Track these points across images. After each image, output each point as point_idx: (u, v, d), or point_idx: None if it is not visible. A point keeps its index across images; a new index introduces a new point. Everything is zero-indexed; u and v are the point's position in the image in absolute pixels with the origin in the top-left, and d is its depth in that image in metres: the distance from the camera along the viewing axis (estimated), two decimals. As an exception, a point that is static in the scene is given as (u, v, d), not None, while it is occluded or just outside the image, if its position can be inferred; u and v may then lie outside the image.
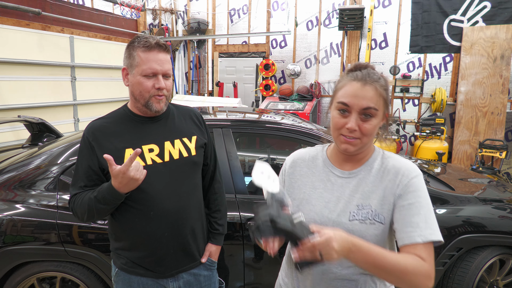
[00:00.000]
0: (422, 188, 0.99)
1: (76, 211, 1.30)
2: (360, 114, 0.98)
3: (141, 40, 1.30)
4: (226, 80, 7.19)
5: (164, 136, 1.37)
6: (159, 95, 1.30)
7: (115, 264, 1.42)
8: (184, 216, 1.38)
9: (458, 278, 2.19)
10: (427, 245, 0.93)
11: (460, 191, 2.41)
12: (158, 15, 7.32)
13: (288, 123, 2.38)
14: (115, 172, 1.16)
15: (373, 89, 0.98)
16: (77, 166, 1.34)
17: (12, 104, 4.41)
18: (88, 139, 1.32)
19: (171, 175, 1.35)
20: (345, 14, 5.78)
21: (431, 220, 0.96)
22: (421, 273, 0.90)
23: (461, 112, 5.59)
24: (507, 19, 5.39)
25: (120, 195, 1.22)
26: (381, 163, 1.06)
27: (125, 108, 1.40)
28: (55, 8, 5.21)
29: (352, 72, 1.04)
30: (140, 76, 1.28)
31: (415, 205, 0.97)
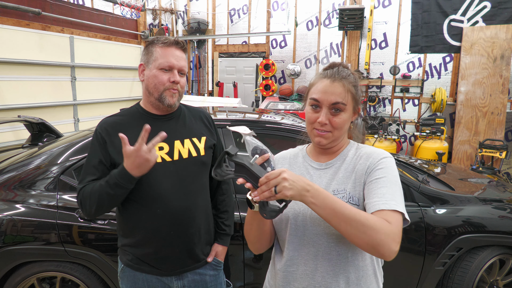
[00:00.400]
0: (390, 167, 1.03)
1: (84, 202, 1.28)
2: (330, 109, 1.05)
3: (160, 38, 1.37)
4: (226, 80, 7.19)
5: (174, 135, 1.39)
6: (173, 89, 1.34)
7: (121, 261, 1.43)
8: (191, 215, 1.39)
9: (458, 278, 2.19)
10: (393, 212, 0.94)
11: (460, 191, 2.41)
12: (158, 15, 7.32)
13: (288, 123, 2.38)
14: (129, 152, 1.17)
15: (341, 85, 1.05)
16: (88, 160, 1.35)
17: (12, 104, 4.41)
18: (100, 134, 1.34)
19: (179, 173, 1.37)
20: (345, 14, 5.78)
21: (397, 194, 0.98)
22: (384, 231, 0.88)
23: (461, 112, 5.59)
24: (507, 19, 5.39)
25: (132, 178, 1.22)
26: (355, 152, 1.12)
27: (138, 106, 1.43)
28: (55, 8, 5.21)
29: (325, 70, 1.11)
30: (156, 70, 1.33)
31: (383, 180, 1.01)
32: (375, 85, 6.20)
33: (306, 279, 1.07)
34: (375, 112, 6.30)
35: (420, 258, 2.13)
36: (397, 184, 1.01)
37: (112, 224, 1.96)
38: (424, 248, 2.12)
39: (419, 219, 2.13)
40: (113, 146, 1.31)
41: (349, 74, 1.08)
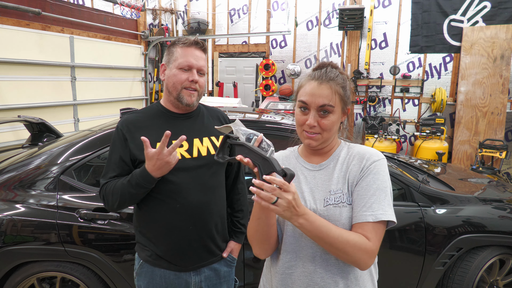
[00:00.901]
0: (381, 171, 1.05)
1: (107, 198, 1.35)
2: (318, 111, 1.06)
3: (181, 39, 1.41)
4: (226, 80, 7.19)
5: (193, 133, 1.43)
6: (192, 88, 1.38)
7: (139, 257, 1.45)
8: (209, 210, 1.43)
9: (458, 278, 2.19)
10: (377, 224, 1.00)
11: (460, 191, 2.41)
12: (158, 15, 7.32)
13: (288, 123, 2.38)
14: (150, 154, 1.22)
15: (328, 87, 1.06)
16: (110, 157, 1.40)
17: (12, 104, 4.41)
18: (122, 131, 1.38)
19: (198, 170, 1.41)
20: (345, 14, 5.78)
21: (385, 202, 1.01)
22: (362, 249, 0.96)
23: (461, 112, 5.59)
24: (507, 19, 5.39)
25: (153, 179, 1.27)
26: (347, 152, 1.13)
27: (158, 104, 1.47)
28: (55, 8, 5.21)
29: (313, 71, 1.12)
30: (176, 69, 1.37)
31: (372, 186, 1.03)
32: (375, 85, 6.20)
33: (305, 281, 1.07)
34: (375, 112, 6.30)
35: (420, 258, 2.13)
36: (386, 190, 1.03)
37: (112, 224, 1.96)
38: (424, 248, 2.12)
39: (419, 219, 2.13)
40: (134, 143, 1.36)
41: (337, 75, 1.08)
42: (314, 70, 1.12)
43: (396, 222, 1.04)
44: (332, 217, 1.04)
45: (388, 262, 2.14)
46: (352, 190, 1.06)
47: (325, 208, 1.06)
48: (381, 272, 2.17)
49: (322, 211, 1.06)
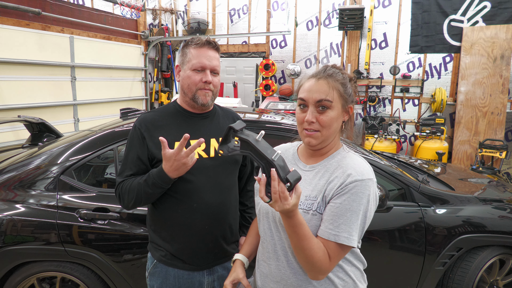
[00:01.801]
0: (360, 193, 1.00)
1: (123, 197, 1.36)
2: (316, 107, 1.06)
3: (194, 39, 1.42)
4: (226, 80, 7.19)
5: (210, 133, 1.44)
6: (206, 89, 1.39)
7: (153, 257, 1.45)
8: (225, 210, 1.44)
9: (458, 278, 2.19)
10: (339, 246, 0.99)
11: (460, 191, 2.41)
12: (158, 15, 7.32)
13: (288, 123, 2.38)
14: (168, 155, 1.22)
15: (326, 83, 1.06)
16: (126, 155, 1.41)
17: (12, 104, 4.41)
18: (140, 130, 1.39)
19: (215, 170, 1.42)
20: (345, 14, 5.78)
21: (353, 225, 0.99)
22: (320, 268, 0.99)
23: (461, 112, 5.59)
24: (507, 19, 5.39)
25: (169, 179, 1.28)
26: (339, 160, 1.10)
27: (175, 103, 1.49)
28: (55, 8, 5.21)
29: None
30: (189, 71, 1.39)
31: (345, 206, 1.00)
32: (375, 85, 6.20)
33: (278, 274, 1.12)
34: (375, 112, 6.30)
35: (420, 258, 2.13)
36: (359, 213, 0.99)
37: (112, 224, 1.96)
38: (424, 248, 2.12)
39: (419, 219, 2.13)
40: (153, 142, 1.36)
41: (336, 72, 1.09)
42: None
43: (357, 247, 1.06)
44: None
45: (388, 262, 2.14)
46: (326, 202, 1.04)
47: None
48: (381, 272, 2.18)
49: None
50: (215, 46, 1.42)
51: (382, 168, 2.25)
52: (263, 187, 0.91)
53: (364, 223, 1.02)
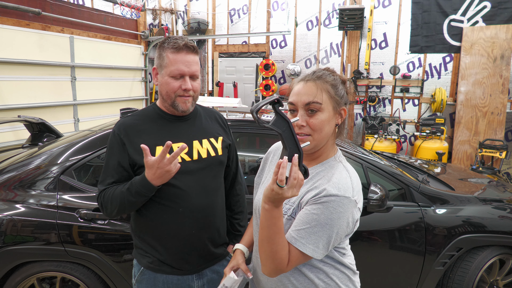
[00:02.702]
0: (332, 209, 0.97)
1: (106, 206, 1.32)
2: (306, 110, 1.03)
3: (171, 42, 1.32)
4: (226, 80, 7.18)
5: (192, 135, 1.41)
6: (186, 96, 1.34)
7: (140, 264, 1.41)
8: (212, 213, 1.41)
9: (458, 278, 2.19)
10: (298, 252, 0.98)
11: (460, 191, 2.41)
12: (158, 15, 7.31)
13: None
14: (150, 163, 1.18)
15: (314, 85, 1.04)
16: (107, 162, 1.35)
17: (12, 104, 4.41)
18: (119, 136, 1.33)
19: (199, 173, 1.38)
20: (345, 14, 5.78)
21: (314, 236, 0.97)
22: (278, 266, 0.98)
23: (461, 112, 5.59)
24: (507, 19, 5.39)
25: (153, 187, 1.24)
26: (326, 170, 1.07)
27: (155, 106, 1.43)
28: (55, 8, 5.21)
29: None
30: (167, 77, 1.32)
31: (313, 217, 0.98)
32: (375, 85, 6.20)
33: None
34: (375, 112, 6.30)
35: (420, 258, 2.13)
36: (325, 227, 0.96)
37: (112, 224, 1.96)
38: (424, 248, 2.12)
39: (419, 219, 2.13)
40: (133, 148, 1.32)
41: (326, 74, 1.06)
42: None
43: (315, 258, 1.02)
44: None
45: (388, 262, 2.14)
46: (301, 208, 1.03)
47: None
48: (381, 272, 2.18)
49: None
50: (194, 49, 1.35)
51: (382, 168, 2.25)
52: (285, 169, 0.88)
53: (330, 237, 0.98)
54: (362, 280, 1.25)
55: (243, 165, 2.88)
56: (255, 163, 2.94)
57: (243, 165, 2.83)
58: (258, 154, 3.15)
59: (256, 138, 3.39)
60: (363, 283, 1.30)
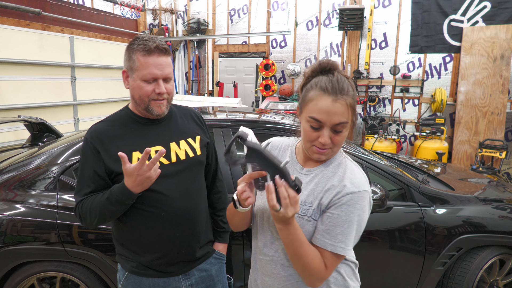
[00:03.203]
0: (357, 205, 1.01)
1: (85, 217, 1.27)
2: (332, 128, 1.01)
3: (141, 43, 1.26)
4: (226, 80, 7.19)
5: (169, 137, 1.36)
6: (160, 100, 1.29)
7: (124, 268, 1.38)
8: (195, 214, 1.39)
9: (458, 278, 2.19)
10: (335, 255, 1.01)
11: (460, 191, 2.41)
12: (158, 15, 7.32)
13: (288, 123, 2.38)
14: (129, 170, 1.15)
15: (344, 104, 0.99)
16: (82, 172, 1.30)
17: (12, 104, 4.41)
18: (92, 144, 1.28)
19: (179, 175, 1.35)
20: (345, 14, 5.78)
21: (349, 236, 1.01)
22: (318, 276, 1.00)
23: (461, 112, 5.59)
24: (507, 19, 5.39)
25: (133, 195, 1.20)
26: (336, 166, 1.09)
27: (127, 110, 1.37)
28: (55, 8, 5.21)
29: (319, 76, 1.03)
30: (140, 81, 1.26)
31: (342, 218, 1.01)
32: (375, 85, 6.20)
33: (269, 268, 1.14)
34: (375, 112, 6.30)
35: (420, 258, 2.13)
36: (353, 224, 1.01)
37: (112, 224, 1.96)
38: (424, 248, 2.12)
39: (419, 219, 2.13)
40: (109, 156, 1.27)
41: (348, 85, 1.01)
42: (320, 72, 1.03)
43: (350, 258, 1.11)
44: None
45: (388, 262, 2.14)
46: (322, 210, 1.04)
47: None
48: (381, 272, 2.18)
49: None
50: (166, 51, 1.28)
51: (382, 168, 2.25)
52: (273, 194, 0.91)
53: (359, 232, 1.04)
54: (362, 280, 1.26)
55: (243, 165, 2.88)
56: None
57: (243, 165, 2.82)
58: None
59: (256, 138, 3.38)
60: (363, 283, 1.31)
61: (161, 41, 1.29)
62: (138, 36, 1.29)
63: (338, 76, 1.02)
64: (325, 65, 1.04)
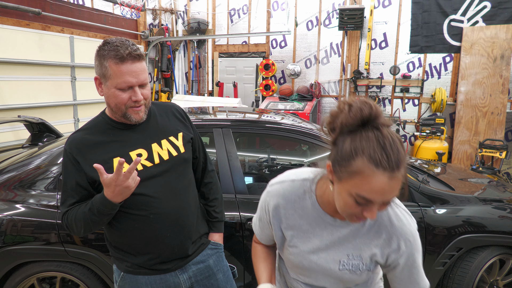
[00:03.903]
0: (419, 248, 1.00)
1: (72, 228, 1.27)
2: (381, 204, 0.84)
3: (112, 49, 1.18)
4: (226, 80, 7.18)
5: (150, 138, 1.33)
6: (137, 106, 1.25)
7: (119, 268, 1.39)
8: (184, 213, 1.38)
9: (458, 278, 2.19)
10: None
11: (460, 191, 2.41)
12: (158, 15, 7.31)
13: (288, 123, 2.38)
14: (107, 181, 1.13)
15: (399, 180, 0.79)
16: (65, 183, 1.29)
17: (12, 104, 4.41)
18: (71, 154, 1.26)
19: (164, 176, 1.33)
20: (345, 14, 5.78)
21: (422, 272, 1.05)
22: None
23: (461, 112, 5.59)
24: (507, 19, 5.39)
25: (114, 205, 1.19)
26: (381, 215, 0.97)
27: (104, 115, 1.33)
28: (55, 8, 5.21)
29: (362, 132, 0.79)
30: (114, 89, 1.21)
31: (415, 266, 1.02)
32: (375, 85, 6.20)
33: None
34: (375, 112, 6.29)
35: (420, 258, 2.13)
36: (420, 260, 1.03)
37: (112, 224, 1.96)
38: (424, 248, 2.12)
39: (419, 219, 2.13)
40: (89, 165, 1.23)
41: (402, 149, 0.79)
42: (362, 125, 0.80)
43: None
44: (346, 280, 1.02)
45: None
46: (380, 262, 1.00)
47: (340, 271, 1.00)
48: (381, 272, 2.17)
49: (336, 274, 1.01)
50: (140, 57, 1.21)
51: (382, 168, 2.24)
52: None
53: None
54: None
55: (243, 165, 2.88)
56: (255, 163, 2.94)
57: (243, 165, 2.82)
58: (258, 154, 3.15)
59: (256, 138, 3.39)
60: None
61: (134, 45, 1.23)
62: (107, 40, 1.22)
63: (389, 137, 0.78)
64: (366, 114, 0.79)
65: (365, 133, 0.79)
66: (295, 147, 3.19)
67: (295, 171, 1.08)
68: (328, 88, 6.53)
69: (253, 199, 2.09)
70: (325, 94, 6.55)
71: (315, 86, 6.38)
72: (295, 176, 1.05)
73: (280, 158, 2.98)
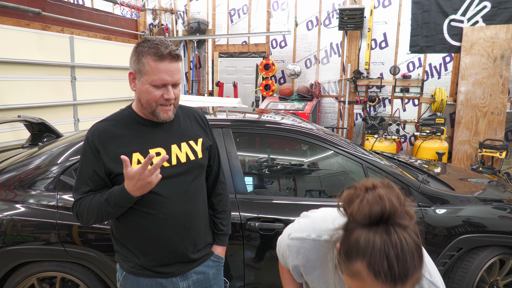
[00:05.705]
0: None
1: (82, 216, 1.27)
2: None
3: (152, 47, 1.23)
4: (226, 80, 7.18)
5: (170, 139, 1.35)
6: (167, 105, 1.28)
7: (122, 268, 1.39)
8: (193, 217, 1.38)
9: (458, 278, 2.19)
10: None
11: (460, 191, 2.41)
12: (158, 15, 7.31)
13: (288, 123, 2.38)
14: (131, 174, 1.14)
15: None
16: (81, 170, 1.30)
17: (12, 104, 4.41)
18: (93, 143, 1.28)
19: (179, 178, 1.34)
20: (345, 14, 5.78)
21: None
22: None
23: (461, 112, 5.59)
24: (507, 19, 5.39)
25: (132, 199, 1.21)
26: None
27: (130, 110, 1.35)
28: (55, 8, 5.21)
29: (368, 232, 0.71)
30: (149, 85, 1.24)
31: None
32: (375, 85, 6.20)
33: None
34: (375, 112, 6.30)
35: (420, 258, 2.13)
36: None
37: (112, 224, 1.96)
38: (424, 248, 2.12)
39: (419, 219, 2.13)
40: (108, 156, 1.26)
41: (413, 265, 0.70)
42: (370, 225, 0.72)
43: None
44: None
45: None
46: None
47: None
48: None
49: None
50: (178, 57, 1.26)
51: (382, 168, 2.25)
52: None
53: None
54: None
55: (243, 165, 2.88)
56: (255, 163, 2.94)
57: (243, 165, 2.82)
58: (258, 154, 3.15)
59: (256, 138, 3.39)
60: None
61: (172, 46, 1.27)
62: (147, 37, 1.27)
63: (398, 245, 0.68)
64: (377, 213, 0.70)
65: (372, 234, 0.70)
66: (295, 147, 3.19)
67: (316, 225, 0.99)
68: (328, 88, 6.53)
69: (253, 199, 2.10)
70: (325, 94, 6.55)
71: (315, 86, 6.38)
72: (316, 235, 0.97)
73: (280, 158, 2.98)
